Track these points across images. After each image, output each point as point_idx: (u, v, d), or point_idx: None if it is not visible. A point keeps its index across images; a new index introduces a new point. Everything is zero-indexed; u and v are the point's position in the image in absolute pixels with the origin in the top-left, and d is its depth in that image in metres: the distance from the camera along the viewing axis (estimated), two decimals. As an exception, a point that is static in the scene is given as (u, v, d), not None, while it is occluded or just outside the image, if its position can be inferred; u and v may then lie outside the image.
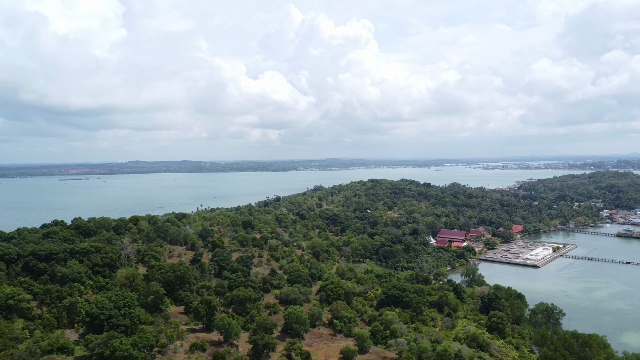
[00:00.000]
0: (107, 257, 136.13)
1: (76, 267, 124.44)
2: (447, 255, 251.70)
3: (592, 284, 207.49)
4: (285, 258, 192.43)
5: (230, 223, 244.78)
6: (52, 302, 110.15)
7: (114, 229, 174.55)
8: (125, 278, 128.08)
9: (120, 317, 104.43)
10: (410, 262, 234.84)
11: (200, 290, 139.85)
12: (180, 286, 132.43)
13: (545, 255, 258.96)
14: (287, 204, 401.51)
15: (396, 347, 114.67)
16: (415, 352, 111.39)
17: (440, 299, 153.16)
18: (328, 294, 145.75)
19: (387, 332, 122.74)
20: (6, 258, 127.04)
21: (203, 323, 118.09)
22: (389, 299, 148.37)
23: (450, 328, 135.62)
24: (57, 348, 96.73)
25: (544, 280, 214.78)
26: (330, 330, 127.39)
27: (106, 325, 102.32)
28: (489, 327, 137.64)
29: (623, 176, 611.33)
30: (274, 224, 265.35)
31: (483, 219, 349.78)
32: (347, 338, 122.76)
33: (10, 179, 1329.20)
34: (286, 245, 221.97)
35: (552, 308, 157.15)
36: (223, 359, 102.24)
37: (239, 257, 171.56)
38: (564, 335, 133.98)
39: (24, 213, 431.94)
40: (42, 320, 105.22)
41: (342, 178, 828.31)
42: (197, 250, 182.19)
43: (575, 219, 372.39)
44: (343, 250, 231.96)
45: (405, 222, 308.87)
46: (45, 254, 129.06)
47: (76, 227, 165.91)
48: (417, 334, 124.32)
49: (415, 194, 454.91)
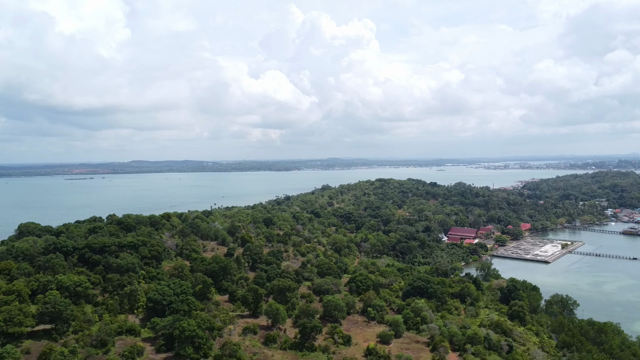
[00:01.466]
0: (154, 250, 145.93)
1: (129, 259, 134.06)
2: (460, 251, 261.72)
3: (601, 278, 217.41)
4: (310, 253, 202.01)
5: (251, 220, 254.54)
6: (114, 290, 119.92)
7: (151, 224, 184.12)
8: (173, 269, 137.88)
9: (178, 302, 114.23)
10: (425, 257, 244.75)
11: (239, 281, 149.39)
12: (223, 277, 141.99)
13: (555, 251, 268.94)
14: (299, 203, 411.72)
15: (428, 332, 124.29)
16: (446, 336, 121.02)
17: (462, 290, 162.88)
18: (358, 285, 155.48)
19: (418, 318, 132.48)
20: (64, 250, 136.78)
21: (250, 310, 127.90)
22: (414, 289, 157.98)
23: (474, 316, 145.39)
24: (125, 330, 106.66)
25: (556, 275, 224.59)
26: (364, 318, 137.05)
27: (167, 310, 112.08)
28: (510, 316, 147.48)
29: (625, 176, 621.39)
30: (292, 222, 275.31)
31: (492, 217, 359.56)
32: (380, 324, 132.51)
33: (15, 179, 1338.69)
34: (307, 242, 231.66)
35: (567, 299, 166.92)
36: (274, 340, 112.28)
37: (270, 252, 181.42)
38: (580, 323, 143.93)
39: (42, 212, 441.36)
40: (106, 305, 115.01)
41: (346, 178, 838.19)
42: (228, 245, 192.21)
43: (581, 217, 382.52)
44: (362, 246, 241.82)
45: (417, 220, 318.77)
46: (99, 247, 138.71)
47: (118, 222, 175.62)
48: (446, 320, 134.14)
49: (423, 193, 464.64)
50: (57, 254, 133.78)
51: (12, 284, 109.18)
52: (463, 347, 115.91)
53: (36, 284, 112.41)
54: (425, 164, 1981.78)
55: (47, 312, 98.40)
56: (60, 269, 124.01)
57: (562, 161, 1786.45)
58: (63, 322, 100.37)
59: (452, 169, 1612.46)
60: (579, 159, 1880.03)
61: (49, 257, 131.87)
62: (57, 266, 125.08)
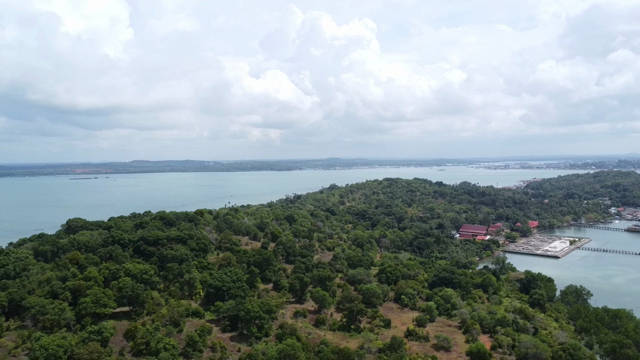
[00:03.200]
0: (202, 243, 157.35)
1: (182, 250, 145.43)
2: (473, 247, 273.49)
3: (610, 271, 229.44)
4: (336, 247, 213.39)
5: (274, 217, 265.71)
6: (175, 278, 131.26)
7: (188, 220, 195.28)
8: (222, 259, 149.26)
9: (236, 289, 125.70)
10: (441, 252, 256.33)
11: (279, 272, 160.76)
12: (266, 267, 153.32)
13: (564, 247, 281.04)
14: (311, 201, 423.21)
15: (459, 317, 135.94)
16: (476, 320, 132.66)
17: (484, 280, 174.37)
18: (387, 276, 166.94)
19: (448, 305, 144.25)
20: (121, 243, 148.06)
21: (295, 297, 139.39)
22: (439, 280, 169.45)
23: (498, 304, 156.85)
24: (191, 312, 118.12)
25: (566, 269, 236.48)
26: (397, 305, 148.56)
27: (226, 295, 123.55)
28: (531, 304, 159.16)
29: (627, 175, 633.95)
30: (311, 219, 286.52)
31: (500, 215, 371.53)
32: (413, 310, 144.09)
33: (19, 178, 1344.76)
34: (330, 237, 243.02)
35: (581, 289, 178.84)
36: (323, 322, 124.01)
37: (301, 245, 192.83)
38: (596, 310, 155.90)
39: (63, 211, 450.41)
40: (169, 292, 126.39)
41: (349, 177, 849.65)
42: (259, 240, 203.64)
43: (586, 215, 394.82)
44: (381, 242, 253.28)
45: (430, 218, 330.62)
46: (153, 240, 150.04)
47: (160, 218, 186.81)
48: (473, 306, 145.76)
49: (431, 192, 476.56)
50: (115, 246, 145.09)
51: (88, 271, 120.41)
52: (493, 329, 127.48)
53: (107, 271, 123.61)
54: (426, 163, 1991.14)
55: (126, 295, 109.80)
56: (122, 259, 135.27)
57: (561, 161, 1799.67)
58: (139, 304, 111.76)
59: (453, 169, 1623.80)
60: (578, 159, 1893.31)
61: (109, 248, 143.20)
62: (120, 256, 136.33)
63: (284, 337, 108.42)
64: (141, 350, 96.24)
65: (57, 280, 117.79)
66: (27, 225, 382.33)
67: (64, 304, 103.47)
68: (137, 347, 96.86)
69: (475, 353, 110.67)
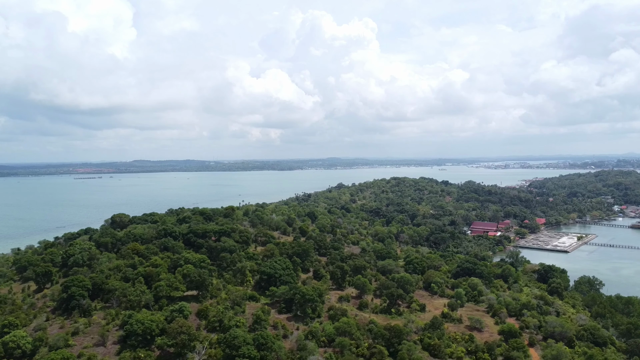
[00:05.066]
0: (244, 236, 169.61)
1: (229, 242, 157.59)
2: (486, 242, 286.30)
3: (618, 264, 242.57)
4: (360, 242, 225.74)
5: (296, 214, 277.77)
6: (228, 266, 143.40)
7: (224, 215, 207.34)
8: (266, 250, 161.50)
9: (285, 275, 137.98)
10: (456, 247, 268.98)
11: (315, 263, 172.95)
12: (305, 258, 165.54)
13: (572, 242, 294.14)
14: (323, 200, 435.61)
15: (487, 302, 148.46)
16: (503, 304, 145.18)
17: (503, 271, 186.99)
18: (415, 267, 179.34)
19: (475, 292, 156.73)
20: (173, 235, 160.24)
21: (336, 284, 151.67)
22: (463, 270, 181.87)
23: (519, 292, 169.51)
24: (248, 297, 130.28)
25: (576, 262, 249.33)
26: (427, 293, 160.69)
27: (278, 281, 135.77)
28: (549, 292, 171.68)
29: (628, 175, 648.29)
30: (329, 216, 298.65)
31: (508, 212, 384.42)
32: (442, 297, 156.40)
33: (23, 178, 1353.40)
34: (351, 233, 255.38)
35: (594, 280, 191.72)
36: (366, 306, 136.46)
37: (331, 239, 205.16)
38: (609, 298, 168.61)
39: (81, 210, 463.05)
40: (224, 279, 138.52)
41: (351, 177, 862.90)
42: (288, 234, 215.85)
43: (591, 213, 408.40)
44: (400, 237, 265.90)
45: (442, 215, 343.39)
46: (202, 232, 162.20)
47: (200, 213, 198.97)
48: (497, 293, 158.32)
49: (438, 191, 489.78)
50: (168, 238, 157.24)
51: (154, 259, 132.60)
52: (519, 312, 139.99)
53: (169, 260, 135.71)
54: (425, 163, 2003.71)
55: (194, 280, 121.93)
56: (178, 250, 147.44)
57: (560, 161, 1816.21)
58: (204, 288, 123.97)
59: (453, 169, 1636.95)
60: (577, 158, 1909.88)
61: (162, 240, 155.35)
62: (176, 247, 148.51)
63: (336, 317, 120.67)
64: (215, 327, 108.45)
65: (127, 267, 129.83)
66: (48, 224, 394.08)
67: (143, 287, 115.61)
68: (211, 324, 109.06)
69: (507, 332, 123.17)
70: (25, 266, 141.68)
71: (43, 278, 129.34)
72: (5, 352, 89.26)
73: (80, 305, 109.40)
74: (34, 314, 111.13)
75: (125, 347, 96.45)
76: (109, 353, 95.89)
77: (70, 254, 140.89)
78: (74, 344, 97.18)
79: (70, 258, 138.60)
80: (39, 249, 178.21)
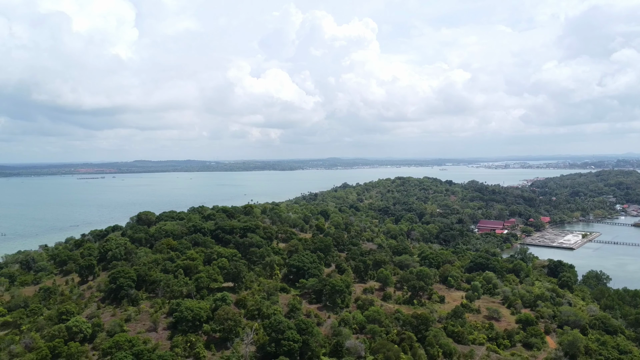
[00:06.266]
0: (269, 232, 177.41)
1: (256, 238, 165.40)
2: (494, 239, 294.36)
3: (623, 260, 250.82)
4: (375, 239, 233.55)
5: (309, 212, 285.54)
6: (257, 260, 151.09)
7: (244, 213, 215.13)
8: (291, 245, 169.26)
9: (313, 269, 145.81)
10: (465, 244, 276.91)
11: (335, 257, 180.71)
12: (327, 253, 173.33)
13: (577, 240, 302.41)
14: (331, 199, 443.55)
15: (502, 294, 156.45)
16: (517, 296, 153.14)
17: (515, 266, 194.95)
18: (430, 262, 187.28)
19: (490, 285, 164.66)
20: (202, 231, 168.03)
21: (359, 277, 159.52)
22: (476, 265, 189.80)
23: (531, 285, 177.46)
24: (279, 288, 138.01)
25: (582, 259, 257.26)
26: (444, 286, 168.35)
27: (306, 274, 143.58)
28: (560, 285, 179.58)
29: (629, 174, 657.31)
30: (340, 214, 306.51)
31: (513, 211, 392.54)
32: (458, 290, 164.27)
33: (26, 178, 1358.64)
34: (364, 231, 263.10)
35: (601, 274, 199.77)
36: (390, 297, 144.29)
37: (349, 235, 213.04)
38: (617, 291, 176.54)
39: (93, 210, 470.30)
40: (255, 272, 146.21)
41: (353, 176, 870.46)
42: (306, 231, 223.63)
43: (594, 212, 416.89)
44: (411, 235, 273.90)
45: (449, 214, 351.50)
46: (229, 229, 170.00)
47: (223, 211, 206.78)
48: (511, 286, 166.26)
49: (443, 190, 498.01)
50: (198, 234, 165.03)
51: (190, 253, 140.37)
52: (534, 303, 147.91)
53: (203, 254, 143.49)
54: (425, 163, 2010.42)
55: (231, 272, 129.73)
56: (209, 245, 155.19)
57: (560, 161, 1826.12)
58: (240, 280, 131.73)
59: (454, 169, 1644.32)
60: (576, 158, 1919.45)
61: (193, 236, 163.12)
62: (207, 242, 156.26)
63: (364, 306, 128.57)
64: (254, 314, 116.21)
65: (166, 260, 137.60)
66: (61, 223, 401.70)
67: (186, 278, 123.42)
68: (250, 312, 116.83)
69: (524, 320, 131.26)
70: (65, 260, 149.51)
71: (86, 271, 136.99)
72: (68, 335, 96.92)
73: (129, 295, 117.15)
74: (84, 304, 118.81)
75: (176, 332, 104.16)
76: (161, 338, 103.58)
77: (107, 248, 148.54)
78: (128, 329, 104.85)
79: (108, 252, 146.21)
80: (69, 246, 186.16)
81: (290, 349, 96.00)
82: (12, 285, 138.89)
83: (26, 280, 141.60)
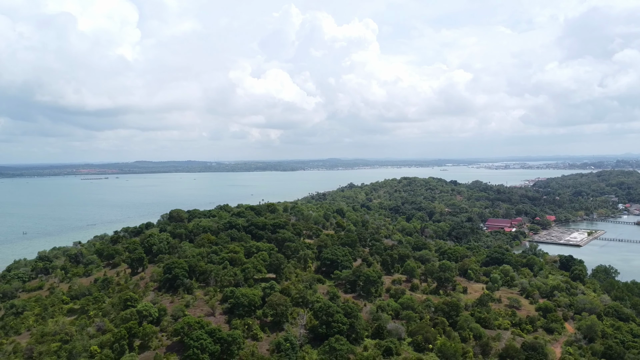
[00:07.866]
0: (297, 228, 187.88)
1: (287, 234, 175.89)
2: (504, 237, 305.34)
3: (629, 256, 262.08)
4: (392, 235, 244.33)
5: (326, 211, 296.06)
6: (292, 254, 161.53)
7: (270, 211, 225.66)
8: (320, 240, 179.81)
9: (345, 261, 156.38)
10: (476, 241, 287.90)
11: (361, 252, 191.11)
12: (353, 247, 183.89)
13: (583, 237, 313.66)
14: (340, 198, 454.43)
15: (519, 286, 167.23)
16: (535, 287, 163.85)
17: (528, 260, 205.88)
18: (449, 256, 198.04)
19: (508, 277, 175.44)
20: (236, 227, 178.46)
21: (385, 269, 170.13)
22: (492, 259, 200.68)
23: (545, 278, 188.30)
24: (316, 280, 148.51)
25: (590, 255, 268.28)
26: (463, 278, 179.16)
27: (339, 266, 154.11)
28: (572, 278, 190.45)
29: (629, 174, 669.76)
30: (355, 212, 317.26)
31: (519, 210, 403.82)
32: (478, 283, 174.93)
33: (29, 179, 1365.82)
34: (380, 228, 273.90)
35: (610, 268, 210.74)
36: (417, 288, 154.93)
37: (368, 232, 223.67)
38: (626, 283, 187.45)
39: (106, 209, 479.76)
40: (290, 264, 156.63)
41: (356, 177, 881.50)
42: (327, 228, 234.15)
43: (597, 211, 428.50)
44: (425, 232, 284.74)
45: (459, 212, 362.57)
46: (262, 225, 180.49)
47: (251, 208, 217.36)
48: (528, 278, 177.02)
49: (449, 190, 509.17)
50: (233, 230, 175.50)
51: (232, 246, 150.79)
52: (551, 293, 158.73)
53: (243, 248, 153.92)
54: (426, 164, 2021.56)
55: (274, 264, 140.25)
56: (246, 239, 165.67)
57: (559, 161, 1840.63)
58: (281, 271, 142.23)
59: (454, 169, 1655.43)
60: (575, 159, 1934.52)
61: (229, 232, 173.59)
62: (244, 237, 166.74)
63: (397, 295, 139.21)
64: (299, 302, 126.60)
65: (210, 253, 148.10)
66: (81, 222, 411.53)
67: (234, 269, 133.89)
68: (295, 299, 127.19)
69: (543, 308, 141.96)
70: (112, 254, 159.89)
71: (136, 263, 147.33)
72: (139, 318, 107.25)
73: (184, 283, 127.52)
74: (141, 292, 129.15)
75: (232, 316, 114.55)
76: (219, 321, 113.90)
77: (151, 243, 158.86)
78: (189, 314, 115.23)
79: (153, 247, 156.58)
80: (104, 242, 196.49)
81: (340, 330, 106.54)
82: (65, 277, 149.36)
83: (78, 272, 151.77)
